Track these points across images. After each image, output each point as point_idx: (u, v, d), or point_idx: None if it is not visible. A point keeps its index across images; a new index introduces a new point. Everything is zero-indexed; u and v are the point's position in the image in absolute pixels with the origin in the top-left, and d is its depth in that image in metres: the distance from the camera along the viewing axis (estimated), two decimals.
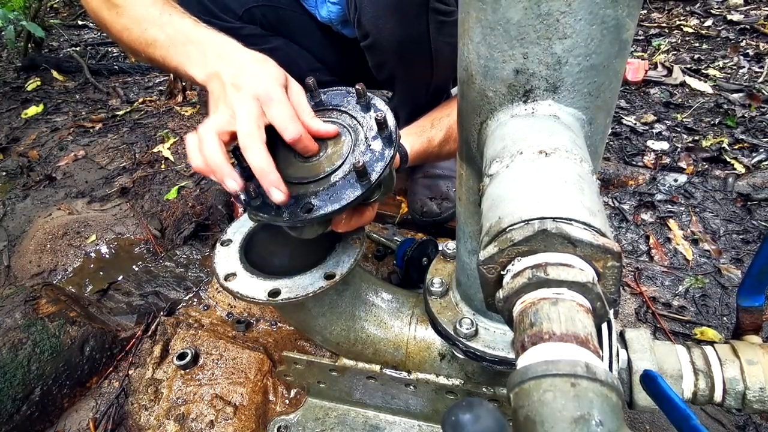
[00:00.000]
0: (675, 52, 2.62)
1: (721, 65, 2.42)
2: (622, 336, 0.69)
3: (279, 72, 0.73)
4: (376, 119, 0.68)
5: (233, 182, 0.68)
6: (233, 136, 0.69)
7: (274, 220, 0.68)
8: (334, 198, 0.66)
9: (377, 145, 0.69)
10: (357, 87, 0.73)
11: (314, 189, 0.69)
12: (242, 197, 0.70)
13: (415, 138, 1.09)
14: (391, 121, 0.69)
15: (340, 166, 0.70)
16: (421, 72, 1.16)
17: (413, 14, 1.00)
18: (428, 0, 0.97)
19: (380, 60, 1.15)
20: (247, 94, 0.68)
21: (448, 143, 1.13)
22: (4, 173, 1.98)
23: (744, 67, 2.39)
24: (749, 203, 1.58)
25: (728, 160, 1.78)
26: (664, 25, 2.92)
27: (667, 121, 2.07)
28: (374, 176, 0.66)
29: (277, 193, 0.66)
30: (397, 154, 1.01)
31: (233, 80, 0.70)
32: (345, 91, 0.77)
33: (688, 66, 2.45)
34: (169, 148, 2.03)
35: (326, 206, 0.66)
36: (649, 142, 1.94)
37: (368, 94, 0.74)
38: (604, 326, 0.59)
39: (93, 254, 1.46)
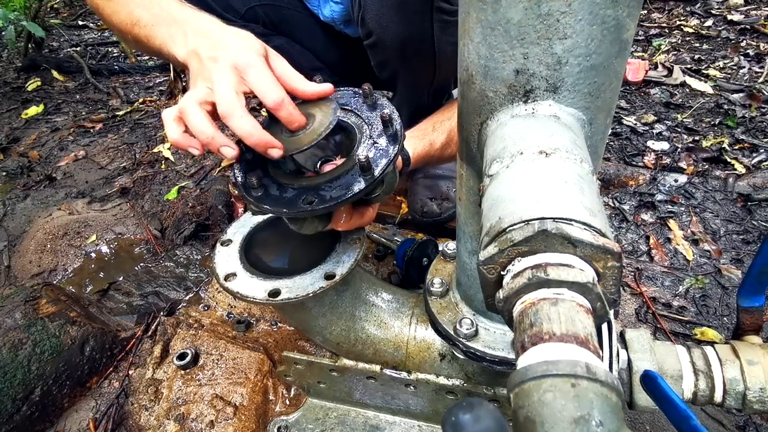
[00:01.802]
0: (675, 53, 2.62)
1: (721, 65, 2.42)
2: (622, 336, 0.69)
3: (257, 43, 0.72)
4: (381, 117, 0.69)
5: (230, 149, 0.67)
6: (215, 107, 0.68)
7: (274, 212, 0.68)
8: (337, 191, 0.67)
9: (382, 141, 0.70)
10: (364, 87, 0.74)
11: (317, 182, 0.69)
12: (243, 189, 0.71)
13: (417, 141, 1.09)
14: (396, 118, 0.70)
15: (345, 161, 0.70)
16: (423, 72, 1.16)
17: (418, 13, 1.00)
18: None
19: (383, 59, 1.14)
20: (224, 65, 0.68)
21: (449, 146, 1.13)
22: (4, 173, 1.98)
23: (744, 67, 2.39)
24: (749, 203, 1.58)
25: (728, 160, 1.78)
26: (665, 25, 2.92)
27: (667, 122, 2.07)
28: (378, 171, 0.66)
29: (275, 152, 0.67)
30: (400, 157, 1.02)
31: (210, 54, 0.70)
32: (352, 91, 0.78)
33: (689, 66, 2.45)
34: (169, 149, 2.03)
35: (327, 198, 0.66)
36: (650, 143, 1.94)
37: (374, 94, 0.75)
38: (604, 326, 0.59)
39: (93, 254, 1.46)
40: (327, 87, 0.72)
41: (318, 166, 0.77)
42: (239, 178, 0.72)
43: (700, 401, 0.64)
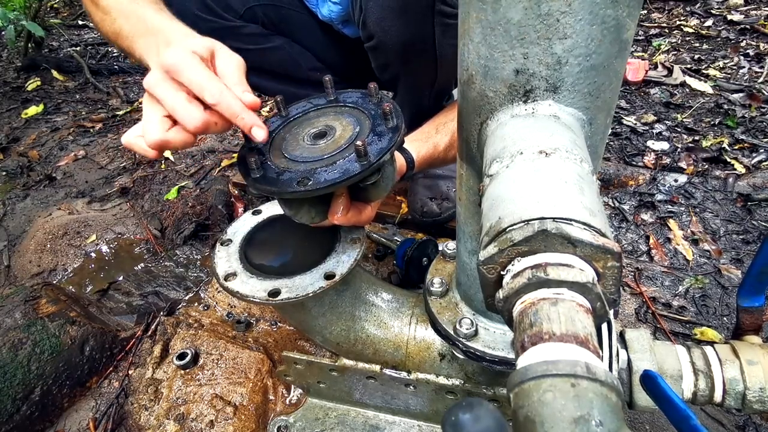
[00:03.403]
0: (675, 52, 2.62)
1: (721, 65, 2.42)
2: (622, 336, 0.69)
3: (199, 43, 0.68)
4: (382, 110, 0.71)
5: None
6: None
7: (269, 192, 0.69)
8: (332, 175, 0.68)
9: (381, 132, 0.72)
10: (370, 86, 0.77)
11: (313, 167, 0.70)
12: (243, 170, 0.73)
13: (421, 144, 1.09)
14: (396, 112, 0.72)
15: (343, 149, 0.72)
16: (424, 74, 1.16)
17: (419, 16, 1.00)
18: (434, 2, 0.97)
19: (384, 61, 1.15)
20: (154, 73, 0.65)
21: (453, 148, 1.12)
22: (4, 173, 1.98)
23: (744, 67, 2.39)
24: (749, 203, 1.58)
25: (728, 160, 1.78)
26: (664, 25, 2.92)
27: (667, 122, 2.07)
28: (373, 157, 0.67)
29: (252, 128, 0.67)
30: (403, 160, 1.03)
31: (155, 60, 0.68)
32: (360, 92, 0.81)
33: (689, 66, 2.45)
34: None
35: (321, 180, 0.67)
36: (649, 143, 1.94)
37: (380, 93, 0.77)
38: (604, 326, 0.59)
39: (93, 254, 1.46)
40: (256, 99, 0.67)
41: None
42: (247, 154, 0.73)
43: (699, 401, 0.64)
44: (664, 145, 1.92)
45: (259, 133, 0.68)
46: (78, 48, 3.21)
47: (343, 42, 1.33)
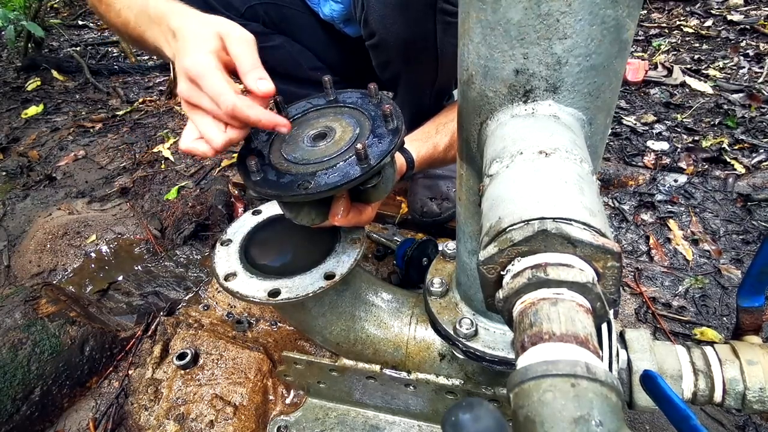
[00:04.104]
0: (675, 53, 2.62)
1: (721, 65, 2.42)
2: (622, 336, 0.69)
3: (209, 35, 0.68)
4: (383, 111, 0.71)
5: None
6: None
7: (270, 195, 0.70)
8: (332, 178, 0.68)
9: (381, 134, 0.72)
10: (369, 86, 0.76)
11: (313, 169, 0.70)
12: (242, 173, 0.73)
13: (421, 144, 1.09)
14: (397, 114, 0.72)
15: (344, 152, 0.71)
16: (425, 72, 1.16)
17: (420, 14, 1.00)
18: (436, 0, 0.97)
19: (385, 59, 1.15)
20: (182, 82, 0.68)
21: (453, 148, 1.12)
22: (4, 173, 1.98)
23: (744, 67, 2.39)
24: (749, 203, 1.58)
25: (728, 160, 1.78)
26: (664, 25, 2.92)
27: (667, 122, 2.07)
28: (373, 160, 0.67)
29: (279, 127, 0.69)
30: (403, 160, 1.03)
31: (178, 64, 0.69)
32: (359, 92, 0.80)
33: (688, 66, 2.45)
34: (169, 148, 2.03)
35: (322, 183, 0.67)
36: (649, 143, 1.94)
37: (379, 93, 0.77)
38: (604, 326, 0.59)
39: (93, 254, 1.46)
40: (270, 87, 0.67)
41: None
42: (246, 161, 0.73)
43: (699, 401, 0.64)
44: (664, 145, 1.92)
45: (282, 130, 0.70)
46: (78, 48, 3.21)
47: (344, 41, 1.33)
